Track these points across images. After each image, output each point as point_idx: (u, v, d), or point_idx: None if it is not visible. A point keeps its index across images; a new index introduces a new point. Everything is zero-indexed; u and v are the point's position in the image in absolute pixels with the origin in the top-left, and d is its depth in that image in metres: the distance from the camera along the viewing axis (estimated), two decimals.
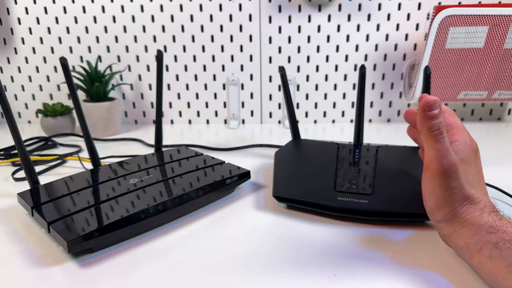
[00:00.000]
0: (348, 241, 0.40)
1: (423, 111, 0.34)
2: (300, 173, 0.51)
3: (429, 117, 0.34)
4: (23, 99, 0.96)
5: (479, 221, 0.32)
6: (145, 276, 0.35)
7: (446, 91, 0.85)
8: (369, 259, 0.37)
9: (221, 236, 0.42)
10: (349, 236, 0.41)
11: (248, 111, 0.96)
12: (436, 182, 0.34)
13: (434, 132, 0.34)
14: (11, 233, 0.43)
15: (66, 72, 0.50)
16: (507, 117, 0.96)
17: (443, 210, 0.34)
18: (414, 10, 0.86)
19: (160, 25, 0.89)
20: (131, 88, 0.95)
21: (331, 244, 0.40)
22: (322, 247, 0.39)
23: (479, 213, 0.33)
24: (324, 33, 0.89)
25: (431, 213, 0.36)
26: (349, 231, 0.42)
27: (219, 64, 0.92)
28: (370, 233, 0.42)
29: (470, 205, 0.34)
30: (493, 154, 0.68)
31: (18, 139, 0.46)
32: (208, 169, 0.54)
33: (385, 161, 0.51)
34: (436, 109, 0.34)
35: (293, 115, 0.61)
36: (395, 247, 0.39)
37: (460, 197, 0.34)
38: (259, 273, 0.35)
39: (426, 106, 0.34)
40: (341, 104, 0.95)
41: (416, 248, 0.39)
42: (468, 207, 0.34)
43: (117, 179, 0.49)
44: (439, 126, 0.34)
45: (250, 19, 0.88)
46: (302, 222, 0.44)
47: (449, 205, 0.34)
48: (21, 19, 0.89)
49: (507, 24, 0.75)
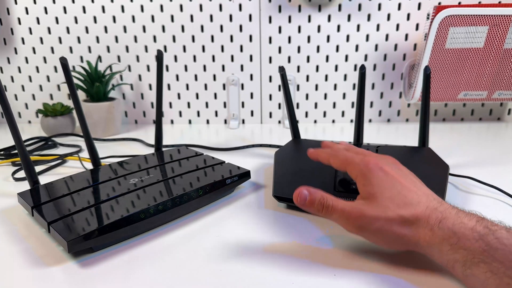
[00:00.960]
0: (348, 241, 0.40)
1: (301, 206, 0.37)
2: (300, 173, 0.51)
3: (308, 206, 0.36)
4: (23, 99, 0.96)
5: (435, 240, 0.31)
6: (145, 276, 0.35)
7: (446, 91, 0.85)
8: (369, 259, 0.37)
9: (221, 236, 0.42)
10: (349, 236, 0.41)
11: (248, 111, 0.96)
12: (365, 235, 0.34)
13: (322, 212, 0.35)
14: (11, 233, 0.43)
15: (66, 72, 0.50)
16: (507, 117, 0.96)
17: (397, 245, 0.33)
18: (414, 10, 0.86)
19: (160, 25, 0.89)
20: (131, 88, 0.95)
21: (331, 244, 0.40)
22: (322, 247, 0.39)
23: (429, 232, 0.31)
24: (324, 33, 0.89)
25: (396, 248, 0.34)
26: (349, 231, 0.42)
27: (219, 64, 0.92)
28: None
29: (412, 225, 0.32)
30: (493, 154, 0.69)
31: (18, 139, 0.46)
32: (208, 169, 0.54)
33: None
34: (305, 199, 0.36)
35: (293, 115, 0.61)
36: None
37: (395, 226, 0.32)
38: (259, 273, 0.35)
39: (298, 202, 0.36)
40: (341, 104, 0.95)
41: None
42: (413, 229, 0.32)
43: (117, 179, 0.49)
44: (321, 204, 0.35)
45: (250, 19, 0.88)
46: (302, 222, 0.44)
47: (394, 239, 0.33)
48: (21, 19, 0.89)
49: (507, 24, 0.75)
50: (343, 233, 0.42)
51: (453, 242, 0.30)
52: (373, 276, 0.34)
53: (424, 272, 0.34)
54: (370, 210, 0.33)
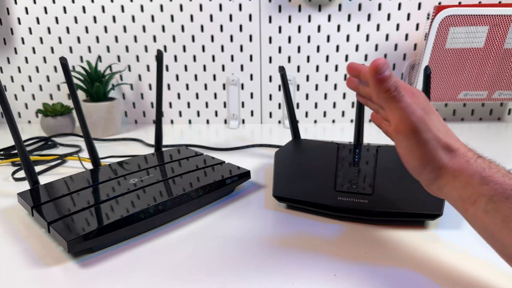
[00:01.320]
0: (348, 241, 0.40)
1: (375, 76, 0.33)
2: (300, 173, 0.51)
3: (383, 80, 0.33)
4: (23, 99, 0.96)
5: (468, 170, 0.31)
6: (145, 276, 0.35)
7: (446, 91, 0.85)
8: (369, 259, 0.37)
9: (221, 236, 0.42)
10: (349, 236, 0.41)
11: (248, 111, 0.96)
12: (411, 141, 0.33)
13: (393, 93, 0.33)
14: (11, 233, 0.43)
15: (66, 72, 0.50)
16: (507, 117, 0.96)
17: (429, 166, 0.33)
18: (414, 10, 0.86)
19: (160, 25, 0.89)
20: (131, 88, 0.95)
21: (331, 244, 0.40)
22: (322, 247, 0.39)
23: (465, 162, 0.32)
24: (324, 33, 0.89)
25: (418, 173, 0.34)
26: (349, 231, 0.42)
27: (219, 64, 0.92)
28: (370, 233, 0.42)
29: (452, 153, 0.33)
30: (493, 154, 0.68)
31: (18, 139, 0.46)
32: (208, 169, 0.54)
33: (385, 161, 0.51)
34: (386, 70, 0.33)
35: (293, 115, 0.61)
36: (395, 247, 0.39)
37: (439, 146, 0.33)
38: (259, 273, 0.35)
39: (376, 70, 0.33)
40: (341, 104, 0.95)
41: (415, 248, 0.39)
42: (452, 156, 0.33)
43: (117, 179, 0.49)
44: (395, 86, 0.33)
45: (250, 19, 0.88)
46: (302, 222, 0.44)
47: (432, 158, 0.33)
48: (21, 19, 0.89)
49: (507, 24, 0.75)
50: (343, 232, 0.42)
51: (486, 174, 0.30)
52: (373, 276, 0.34)
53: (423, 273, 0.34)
54: (429, 121, 0.33)
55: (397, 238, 0.41)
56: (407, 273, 0.35)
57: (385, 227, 0.43)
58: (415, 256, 0.37)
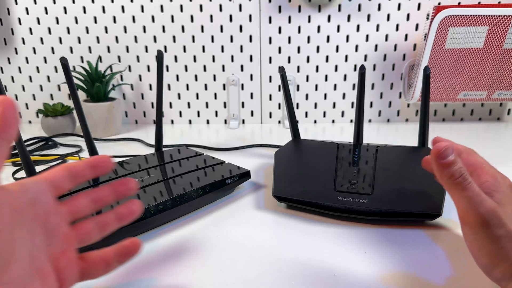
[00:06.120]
0: (348, 241, 0.40)
1: (437, 161, 0.30)
2: (300, 173, 0.51)
3: (446, 165, 0.30)
4: (23, 99, 0.96)
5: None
6: (145, 276, 0.35)
7: (445, 91, 0.85)
8: (369, 259, 0.37)
9: (221, 236, 0.42)
10: (349, 236, 0.41)
11: (248, 111, 0.96)
12: (479, 236, 0.29)
13: (457, 180, 0.29)
14: None
15: (67, 72, 0.50)
16: (506, 117, 0.96)
17: (501, 266, 0.28)
18: (414, 10, 0.87)
19: (161, 25, 0.89)
20: (131, 88, 0.95)
21: (331, 244, 0.40)
22: (322, 247, 0.39)
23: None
24: (324, 33, 0.89)
25: (488, 271, 0.30)
26: (349, 231, 0.42)
27: (219, 64, 0.92)
28: (370, 233, 0.42)
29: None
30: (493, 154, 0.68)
31: (19, 139, 0.46)
32: (208, 169, 0.54)
33: (384, 161, 0.51)
34: (450, 155, 0.30)
35: (293, 115, 0.61)
36: (395, 247, 0.39)
37: None
38: (259, 273, 0.35)
39: (438, 155, 0.30)
40: (341, 104, 0.95)
41: (415, 248, 0.39)
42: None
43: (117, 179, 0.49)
44: (460, 172, 0.29)
45: (250, 20, 0.88)
46: (302, 222, 0.45)
47: (504, 258, 0.28)
48: (22, 19, 0.89)
49: (506, 24, 0.76)
50: (343, 233, 0.42)
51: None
52: (373, 276, 0.34)
53: (423, 273, 0.35)
54: (502, 214, 0.29)
55: (396, 238, 0.41)
56: (406, 273, 0.35)
57: (384, 227, 0.43)
58: (415, 256, 0.37)
